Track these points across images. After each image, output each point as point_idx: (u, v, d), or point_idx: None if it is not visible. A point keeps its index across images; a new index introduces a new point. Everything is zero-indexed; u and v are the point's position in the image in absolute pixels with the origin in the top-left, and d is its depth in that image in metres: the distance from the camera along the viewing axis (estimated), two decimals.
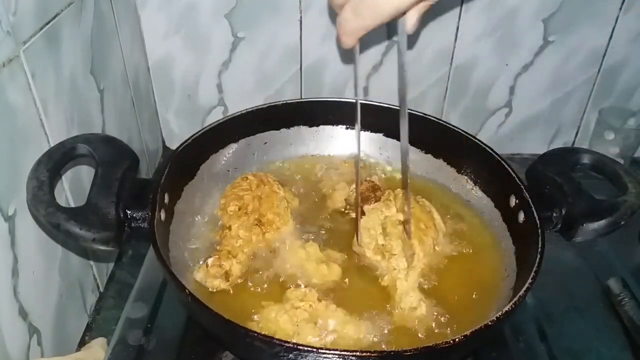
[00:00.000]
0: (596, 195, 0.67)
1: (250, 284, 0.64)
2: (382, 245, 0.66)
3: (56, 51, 0.65)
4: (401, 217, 0.67)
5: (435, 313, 0.62)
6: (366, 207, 0.71)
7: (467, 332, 0.51)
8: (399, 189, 0.71)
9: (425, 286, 0.65)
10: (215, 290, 0.63)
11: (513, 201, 0.68)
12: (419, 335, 0.60)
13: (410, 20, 0.53)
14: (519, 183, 0.67)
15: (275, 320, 0.59)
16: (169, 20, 0.96)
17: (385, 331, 0.60)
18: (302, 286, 0.63)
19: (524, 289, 0.55)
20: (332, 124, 0.84)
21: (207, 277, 0.63)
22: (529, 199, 0.65)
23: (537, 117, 1.08)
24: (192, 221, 0.71)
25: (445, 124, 0.78)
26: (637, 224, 0.83)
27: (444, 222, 0.72)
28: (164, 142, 1.12)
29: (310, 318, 0.59)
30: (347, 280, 0.65)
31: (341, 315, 0.60)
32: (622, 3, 0.94)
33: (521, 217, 0.66)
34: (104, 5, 0.79)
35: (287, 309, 0.59)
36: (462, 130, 0.76)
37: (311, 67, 1.01)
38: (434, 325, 0.61)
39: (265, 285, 0.64)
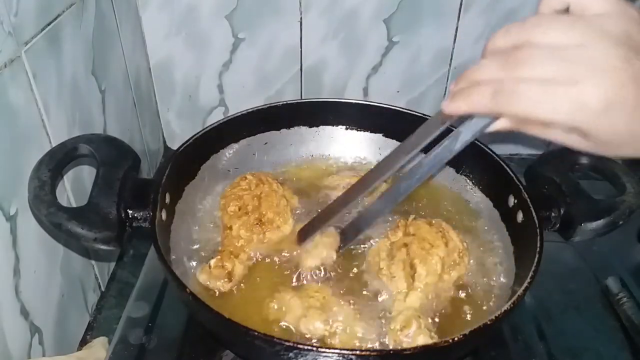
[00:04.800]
0: (595, 195, 0.67)
1: (251, 281, 0.65)
2: (381, 268, 0.66)
3: (57, 52, 0.65)
4: (405, 240, 0.66)
5: (429, 330, 0.59)
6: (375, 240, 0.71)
7: (466, 331, 0.51)
8: (410, 218, 0.70)
9: (430, 304, 0.63)
10: (218, 290, 0.63)
11: (512, 201, 0.69)
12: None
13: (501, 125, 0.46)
14: (518, 183, 0.68)
15: (288, 303, 0.61)
16: (170, 21, 0.96)
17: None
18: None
19: (523, 288, 0.55)
20: (332, 125, 0.84)
21: (210, 278, 0.63)
22: (528, 199, 0.65)
23: None
24: (193, 221, 0.71)
25: None
26: (636, 223, 0.84)
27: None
28: (165, 142, 1.12)
29: (320, 307, 0.60)
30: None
31: (350, 312, 0.60)
32: None
33: (520, 216, 0.66)
34: (105, 6, 0.80)
35: (302, 296, 0.61)
36: None
37: (311, 67, 1.02)
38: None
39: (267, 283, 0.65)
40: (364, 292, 0.64)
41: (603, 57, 0.39)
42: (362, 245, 0.70)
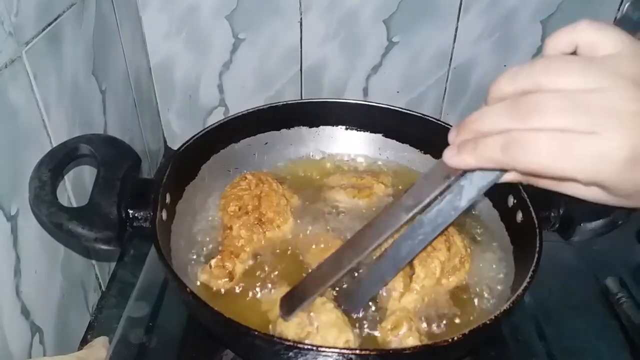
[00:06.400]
0: None
1: (252, 281, 0.65)
2: None
3: (58, 52, 0.65)
4: None
5: (419, 333, 0.58)
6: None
7: (466, 331, 0.51)
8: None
9: (425, 306, 0.62)
10: (219, 290, 0.63)
11: (511, 201, 0.69)
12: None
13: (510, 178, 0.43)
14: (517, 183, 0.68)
15: (273, 307, 0.59)
16: (170, 21, 0.96)
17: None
18: None
19: (522, 288, 0.55)
20: (332, 125, 0.84)
21: (211, 277, 0.63)
22: (527, 199, 0.65)
23: None
24: (193, 221, 0.72)
25: (444, 124, 0.78)
26: (636, 223, 0.84)
27: None
28: (165, 142, 1.12)
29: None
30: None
31: (332, 316, 0.58)
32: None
33: (519, 216, 0.66)
34: (105, 6, 0.80)
35: None
36: None
37: (311, 68, 1.02)
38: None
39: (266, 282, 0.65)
40: None
41: (622, 103, 0.35)
42: None
